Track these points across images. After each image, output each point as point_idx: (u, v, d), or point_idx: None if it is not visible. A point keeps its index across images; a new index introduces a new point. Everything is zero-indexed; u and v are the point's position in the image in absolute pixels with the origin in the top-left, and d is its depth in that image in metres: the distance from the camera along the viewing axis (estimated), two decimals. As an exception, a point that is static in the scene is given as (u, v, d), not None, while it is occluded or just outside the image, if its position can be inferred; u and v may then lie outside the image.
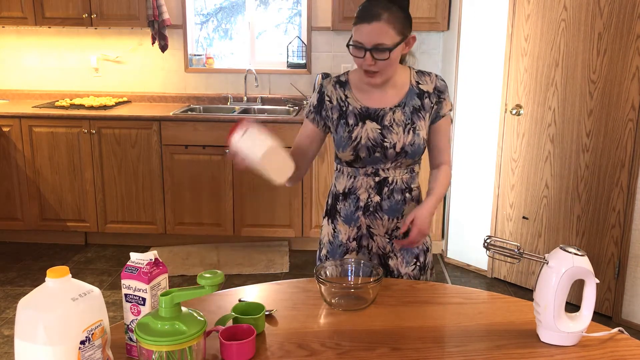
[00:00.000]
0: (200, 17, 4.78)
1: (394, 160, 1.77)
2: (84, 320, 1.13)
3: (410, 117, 1.76)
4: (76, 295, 1.13)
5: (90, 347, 1.14)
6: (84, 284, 1.18)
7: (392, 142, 1.74)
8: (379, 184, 1.79)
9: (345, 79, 1.83)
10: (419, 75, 1.82)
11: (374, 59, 1.66)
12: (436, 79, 1.82)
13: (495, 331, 1.43)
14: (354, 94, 1.80)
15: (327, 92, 1.81)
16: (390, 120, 1.75)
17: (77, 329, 1.12)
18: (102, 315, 1.18)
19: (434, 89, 1.80)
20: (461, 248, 4.03)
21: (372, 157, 1.76)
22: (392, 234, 1.83)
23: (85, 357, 1.13)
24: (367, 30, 1.64)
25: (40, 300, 1.12)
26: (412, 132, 1.75)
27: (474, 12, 3.72)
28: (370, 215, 1.81)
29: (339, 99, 1.79)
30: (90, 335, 1.14)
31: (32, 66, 4.66)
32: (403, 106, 1.77)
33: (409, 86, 1.79)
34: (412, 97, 1.78)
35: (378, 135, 1.74)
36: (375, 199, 1.80)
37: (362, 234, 1.84)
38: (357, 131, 1.75)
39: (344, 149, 1.77)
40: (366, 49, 1.64)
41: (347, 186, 1.83)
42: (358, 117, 1.77)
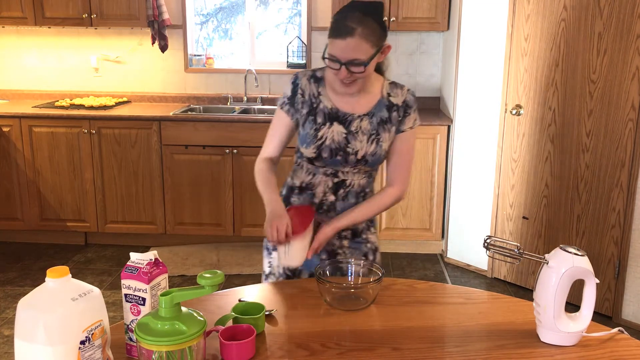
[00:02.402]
0: (200, 17, 4.78)
1: (354, 166, 1.78)
2: (84, 321, 1.13)
3: (376, 127, 1.77)
4: (76, 296, 1.13)
5: (90, 347, 1.14)
6: (83, 284, 1.18)
7: (355, 149, 1.75)
8: (337, 185, 1.81)
9: (322, 75, 1.81)
10: (392, 87, 1.82)
11: (349, 72, 1.65)
12: (407, 93, 1.81)
13: (496, 331, 1.43)
14: (328, 92, 1.79)
15: (301, 84, 1.79)
16: (357, 127, 1.76)
17: (77, 329, 1.12)
18: (102, 315, 1.18)
19: (403, 103, 1.80)
20: (461, 248, 4.03)
21: (333, 159, 1.76)
22: (341, 234, 1.84)
23: (85, 357, 1.13)
24: (341, 45, 1.62)
25: (40, 300, 1.12)
26: (375, 143, 1.77)
27: (474, 12, 3.72)
28: (323, 213, 1.82)
29: (311, 94, 1.78)
30: (90, 335, 1.14)
31: (32, 66, 4.66)
32: (371, 116, 1.77)
33: (380, 97, 1.79)
34: (381, 109, 1.78)
35: (343, 139, 1.75)
36: (330, 198, 1.81)
37: None
38: (323, 131, 1.75)
39: (308, 145, 1.77)
40: (341, 63, 1.64)
41: (305, 181, 1.84)
42: (327, 116, 1.76)
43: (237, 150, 4.03)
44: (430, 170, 4.05)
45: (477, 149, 3.81)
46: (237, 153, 4.04)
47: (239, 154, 4.04)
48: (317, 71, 1.82)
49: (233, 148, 4.03)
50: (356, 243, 1.87)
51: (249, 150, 4.01)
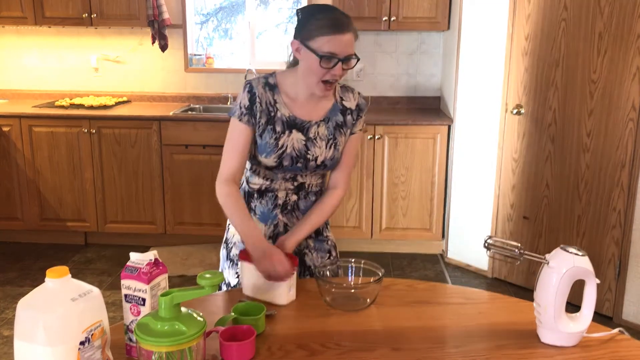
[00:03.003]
0: (200, 16, 4.78)
1: (313, 171, 1.79)
2: (84, 321, 1.13)
3: (332, 132, 1.77)
4: (76, 296, 1.13)
5: (90, 347, 1.14)
6: (83, 284, 1.18)
7: (315, 155, 1.75)
8: (297, 187, 1.81)
9: (274, 82, 1.76)
10: (343, 90, 1.82)
11: (343, 70, 1.65)
12: (359, 96, 1.83)
13: (496, 331, 1.43)
14: (283, 99, 1.75)
15: (257, 93, 1.73)
16: (315, 133, 1.75)
17: (77, 329, 1.12)
18: (101, 316, 1.18)
19: (356, 107, 1.81)
20: (461, 248, 4.03)
21: (293, 166, 1.75)
22: None
23: (84, 357, 1.13)
24: (343, 40, 1.62)
25: (40, 300, 1.12)
26: (333, 148, 1.77)
27: (474, 12, 3.72)
28: (288, 213, 1.82)
29: (268, 102, 1.74)
30: (90, 335, 1.14)
31: (32, 66, 4.66)
32: (327, 121, 1.77)
33: (334, 102, 1.79)
34: (335, 113, 1.79)
35: (303, 146, 1.74)
36: (293, 198, 1.81)
37: (278, 231, 1.82)
38: (283, 139, 1.73)
39: (268, 155, 1.73)
40: (339, 59, 1.63)
41: (264, 186, 1.81)
42: (285, 125, 1.74)
43: (237, 150, 4.02)
44: (430, 170, 4.04)
45: (478, 149, 3.81)
46: (237, 153, 4.03)
47: (239, 153, 4.03)
48: (269, 78, 1.77)
49: None
50: (319, 242, 1.88)
51: (249, 150, 4.01)
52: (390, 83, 4.55)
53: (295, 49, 1.70)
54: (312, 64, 1.64)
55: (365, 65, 4.52)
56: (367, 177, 4.06)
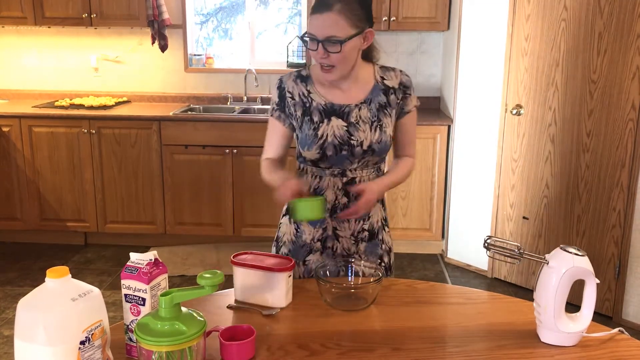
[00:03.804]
0: (200, 17, 4.78)
1: (361, 159, 1.72)
2: (84, 321, 1.13)
3: (376, 114, 1.72)
4: (76, 296, 1.13)
5: (90, 347, 1.14)
6: (83, 284, 1.18)
7: (360, 140, 1.69)
8: (346, 184, 1.74)
9: (307, 73, 1.76)
10: (383, 70, 1.78)
11: (326, 52, 1.60)
12: (401, 74, 1.79)
13: (496, 331, 1.43)
14: (317, 89, 1.73)
15: (287, 87, 1.74)
16: (357, 117, 1.71)
17: (77, 329, 1.12)
18: (102, 316, 1.18)
19: (400, 85, 1.77)
20: (461, 248, 4.03)
21: (339, 156, 1.70)
22: (357, 236, 1.79)
23: (85, 357, 1.13)
24: (319, 21, 1.58)
25: (40, 300, 1.12)
26: (379, 130, 1.71)
27: (474, 12, 3.72)
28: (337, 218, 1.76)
29: (301, 94, 1.73)
30: (90, 335, 1.14)
31: (32, 66, 4.66)
32: (369, 102, 1.72)
33: (374, 82, 1.75)
34: (377, 94, 1.74)
35: (345, 132, 1.69)
36: (342, 201, 1.74)
37: (327, 235, 1.78)
38: (322, 128, 1.70)
39: (310, 147, 1.70)
40: (318, 40, 1.59)
41: (313, 186, 1.76)
42: (323, 113, 1.70)
43: (237, 150, 4.03)
44: (430, 170, 4.04)
45: (477, 149, 3.81)
46: (237, 153, 4.04)
47: (239, 153, 4.04)
48: (302, 70, 1.77)
49: (233, 148, 4.03)
50: (372, 245, 1.81)
51: (249, 150, 4.01)
52: (390, 83, 4.55)
53: None
54: None
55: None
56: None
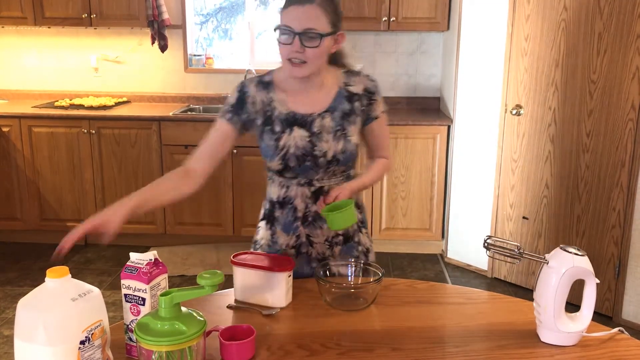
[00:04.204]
0: (200, 17, 4.78)
1: (326, 169, 1.66)
2: (84, 321, 1.13)
3: (340, 122, 1.65)
4: (76, 296, 1.13)
5: (90, 347, 1.14)
6: (83, 284, 1.18)
7: (323, 151, 1.63)
8: (315, 194, 1.68)
9: (270, 79, 1.68)
10: (348, 75, 1.70)
11: (302, 46, 1.53)
12: (366, 79, 1.70)
13: (496, 331, 1.43)
14: (280, 96, 1.65)
15: (249, 92, 1.66)
16: (320, 126, 1.63)
17: (77, 329, 1.12)
18: (101, 315, 1.18)
19: (364, 90, 1.69)
20: (461, 248, 4.03)
21: (302, 167, 1.64)
22: (332, 241, 1.74)
23: (84, 357, 1.13)
24: (298, 12, 1.51)
25: (40, 300, 1.12)
26: (343, 139, 1.64)
27: (474, 12, 3.72)
28: (310, 225, 1.71)
29: (263, 101, 1.65)
30: (90, 335, 1.14)
31: (32, 66, 4.66)
32: (332, 111, 1.65)
33: (338, 88, 1.67)
34: (341, 101, 1.66)
35: (307, 143, 1.62)
36: (313, 208, 1.69)
37: (301, 242, 1.74)
38: (284, 139, 1.63)
39: (272, 158, 1.65)
40: (295, 33, 1.52)
41: (281, 195, 1.72)
42: (285, 123, 1.63)
43: (237, 151, 4.03)
44: (430, 170, 4.05)
45: (477, 149, 3.81)
46: (236, 153, 4.04)
47: (239, 154, 4.04)
48: (265, 76, 1.69)
49: (233, 148, 4.02)
50: (348, 248, 1.77)
51: (249, 151, 4.01)
52: (390, 83, 4.55)
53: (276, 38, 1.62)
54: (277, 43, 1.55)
55: (365, 66, 4.51)
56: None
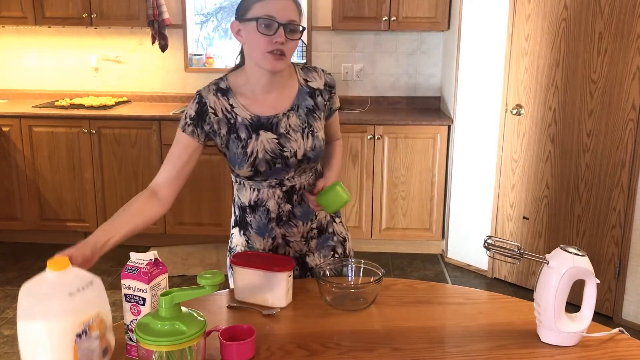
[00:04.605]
0: (200, 16, 4.78)
1: (297, 168, 1.65)
2: (81, 314, 1.15)
3: (305, 119, 1.64)
4: (74, 290, 1.15)
5: (87, 339, 1.16)
6: (85, 275, 1.21)
7: (293, 150, 1.61)
8: (287, 193, 1.67)
9: (226, 85, 1.64)
10: (305, 72, 1.69)
11: (286, 38, 1.50)
12: (324, 74, 1.71)
13: (496, 331, 1.43)
14: (240, 101, 1.62)
15: (209, 102, 1.60)
16: (286, 126, 1.62)
17: (74, 323, 1.14)
18: (101, 305, 1.20)
19: (325, 85, 1.70)
20: (461, 248, 4.03)
21: (273, 169, 1.62)
22: (307, 236, 1.73)
23: (81, 348, 1.14)
24: (281, 3, 1.51)
25: (40, 290, 1.15)
26: (311, 136, 1.64)
27: (474, 12, 3.72)
28: (284, 224, 1.70)
29: (224, 109, 1.60)
30: (88, 328, 1.15)
31: (32, 66, 4.66)
32: (297, 109, 1.64)
33: (298, 86, 1.66)
34: (303, 98, 1.66)
35: (276, 145, 1.60)
36: (286, 207, 1.68)
37: (277, 243, 1.72)
38: (251, 145, 1.60)
39: (241, 165, 1.61)
40: (280, 23, 1.49)
41: (253, 199, 1.69)
42: (250, 128, 1.60)
43: (237, 150, 4.02)
44: (430, 170, 4.05)
45: (478, 149, 3.81)
46: (237, 153, 4.03)
47: (239, 153, 4.03)
48: (220, 82, 1.64)
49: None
50: (323, 240, 1.77)
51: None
52: (390, 83, 4.55)
53: (236, 32, 1.58)
54: (253, 35, 1.51)
55: (365, 66, 4.51)
56: (366, 177, 4.06)
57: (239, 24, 1.57)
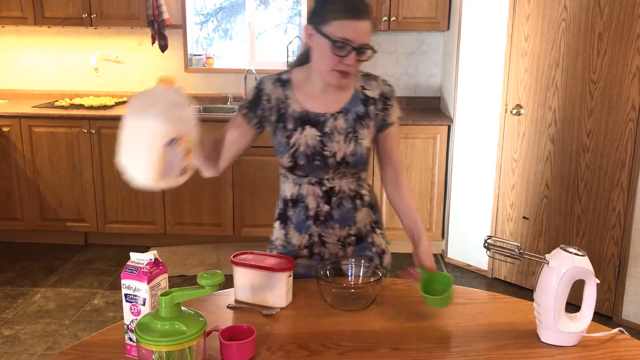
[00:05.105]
0: (200, 17, 4.78)
1: (336, 170, 1.66)
2: (174, 125, 1.30)
3: (353, 125, 1.65)
4: (174, 105, 1.32)
5: (173, 150, 1.29)
6: (184, 97, 1.36)
7: (332, 151, 1.64)
8: (326, 193, 1.69)
9: (288, 77, 1.69)
10: (365, 79, 1.71)
11: (357, 61, 1.55)
12: (383, 84, 1.71)
13: (496, 331, 1.43)
14: (296, 95, 1.67)
15: (265, 89, 1.68)
16: (332, 127, 1.64)
17: (168, 129, 1.29)
18: (191, 127, 1.35)
19: (380, 95, 1.70)
20: (461, 248, 4.03)
21: (311, 166, 1.65)
22: (344, 241, 1.73)
23: (167, 155, 1.29)
24: (357, 27, 1.51)
25: (148, 97, 1.34)
26: (354, 142, 1.65)
27: (474, 12, 3.72)
28: (321, 224, 1.71)
29: (278, 99, 1.67)
30: (176, 140, 1.30)
31: (32, 66, 4.66)
32: (346, 113, 1.66)
33: (354, 91, 1.68)
34: (356, 104, 1.67)
35: (318, 142, 1.64)
36: (324, 208, 1.69)
37: (313, 241, 1.73)
38: (295, 137, 1.64)
39: (282, 154, 1.66)
40: (354, 47, 1.52)
41: (294, 193, 1.72)
42: (298, 121, 1.65)
43: (237, 150, 4.02)
44: (430, 170, 4.05)
45: (478, 149, 3.81)
46: (237, 153, 4.03)
47: (239, 154, 4.03)
48: (283, 74, 1.70)
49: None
50: (361, 249, 1.76)
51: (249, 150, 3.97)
52: (390, 83, 4.55)
53: (308, 35, 1.59)
54: (325, 50, 1.54)
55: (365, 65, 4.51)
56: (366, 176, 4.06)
57: (313, 30, 1.57)
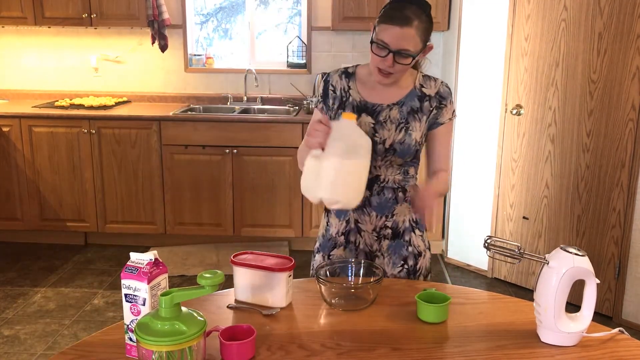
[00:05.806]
0: (200, 17, 4.78)
1: (384, 157, 1.76)
2: None
3: (405, 116, 1.76)
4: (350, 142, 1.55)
5: None
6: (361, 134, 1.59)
7: (382, 138, 1.74)
8: (370, 181, 1.75)
9: (353, 70, 1.84)
10: (425, 79, 1.82)
11: (394, 62, 1.65)
12: (441, 84, 1.81)
13: (496, 331, 1.43)
14: (358, 86, 1.80)
15: (332, 81, 1.82)
16: (386, 116, 1.76)
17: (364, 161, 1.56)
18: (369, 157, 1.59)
19: (436, 94, 1.79)
20: (461, 248, 4.03)
21: None
22: (380, 233, 1.81)
23: None
24: (395, 33, 1.62)
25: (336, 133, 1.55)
26: (404, 131, 1.75)
27: (474, 12, 3.72)
28: (359, 209, 1.80)
29: (342, 89, 1.81)
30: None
31: (32, 66, 4.65)
32: (401, 105, 1.76)
33: (412, 88, 1.79)
34: (412, 98, 1.78)
35: (370, 129, 1.74)
36: (365, 194, 1.75)
37: (350, 228, 1.82)
38: None
39: None
40: (391, 50, 1.64)
41: None
42: (355, 109, 1.77)
43: (237, 150, 4.03)
44: (430, 170, 4.04)
45: (478, 148, 3.81)
46: (237, 153, 4.03)
47: (239, 153, 4.04)
48: (349, 68, 1.85)
49: (233, 148, 4.03)
50: (397, 245, 1.82)
51: (249, 150, 4.01)
52: (390, 83, 4.55)
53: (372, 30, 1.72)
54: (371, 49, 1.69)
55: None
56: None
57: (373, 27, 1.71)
